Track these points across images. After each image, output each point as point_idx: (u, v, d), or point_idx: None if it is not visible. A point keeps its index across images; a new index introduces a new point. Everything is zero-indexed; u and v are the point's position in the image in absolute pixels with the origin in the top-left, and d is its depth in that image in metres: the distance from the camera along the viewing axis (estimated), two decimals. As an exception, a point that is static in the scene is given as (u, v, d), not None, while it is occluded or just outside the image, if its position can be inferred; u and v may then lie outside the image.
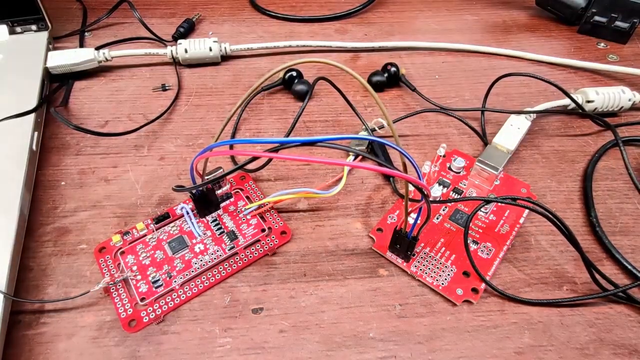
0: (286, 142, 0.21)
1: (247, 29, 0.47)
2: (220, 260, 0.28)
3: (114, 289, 0.27)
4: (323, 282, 0.28)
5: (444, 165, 0.34)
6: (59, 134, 0.36)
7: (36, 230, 0.30)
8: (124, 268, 0.28)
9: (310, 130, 0.37)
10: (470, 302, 0.27)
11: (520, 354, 0.25)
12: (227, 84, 0.41)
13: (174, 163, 0.34)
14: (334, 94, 0.40)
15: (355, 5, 0.50)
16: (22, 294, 0.27)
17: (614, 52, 0.46)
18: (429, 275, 0.28)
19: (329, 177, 0.34)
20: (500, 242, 0.30)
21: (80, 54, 0.40)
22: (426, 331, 0.26)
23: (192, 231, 0.29)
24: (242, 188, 0.32)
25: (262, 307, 0.27)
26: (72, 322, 0.26)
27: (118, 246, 0.29)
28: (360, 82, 0.21)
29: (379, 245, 0.29)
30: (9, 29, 0.41)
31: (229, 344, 0.25)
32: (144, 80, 0.41)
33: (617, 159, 0.35)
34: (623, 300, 0.27)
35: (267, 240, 0.29)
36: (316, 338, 0.26)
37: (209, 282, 0.27)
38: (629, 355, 0.25)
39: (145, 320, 0.26)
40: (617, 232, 0.31)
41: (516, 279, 0.28)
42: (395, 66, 0.40)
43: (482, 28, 0.49)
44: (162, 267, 0.28)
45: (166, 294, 0.27)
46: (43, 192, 0.32)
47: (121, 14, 0.47)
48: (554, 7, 0.49)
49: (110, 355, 0.24)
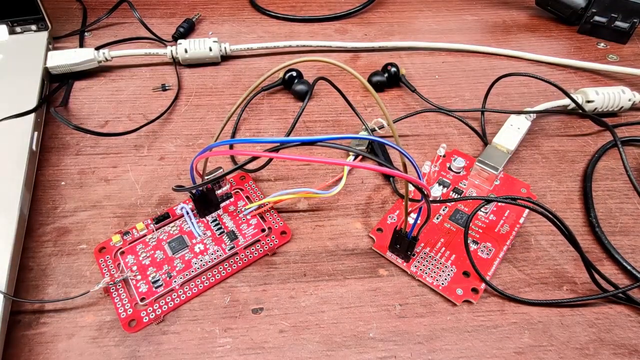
0: (286, 141, 0.21)
1: (247, 29, 0.47)
2: (220, 260, 0.28)
3: (114, 289, 0.27)
4: (323, 282, 0.28)
5: (444, 165, 0.34)
6: (58, 134, 0.36)
7: (36, 230, 0.30)
8: (123, 268, 0.28)
9: (310, 130, 0.37)
10: (470, 302, 0.27)
11: (520, 354, 0.25)
12: (227, 84, 0.41)
13: (174, 163, 0.34)
14: (334, 94, 0.40)
15: (355, 5, 0.50)
16: (22, 294, 0.27)
17: (614, 52, 0.46)
18: (429, 275, 0.28)
19: (329, 177, 0.34)
20: (500, 242, 0.29)
21: (80, 54, 0.40)
22: (426, 331, 0.26)
23: (192, 231, 0.29)
24: (242, 188, 0.32)
25: (262, 307, 0.27)
26: (72, 322, 0.26)
27: (118, 246, 0.29)
28: (360, 81, 0.21)
29: (379, 245, 0.29)
30: (8, 29, 0.41)
31: (229, 344, 0.25)
32: (144, 80, 0.41)
33: (617, 159, 0.35)
34: (623, 300, 0.27)
35: (267, 240, 0.29)
36: (316, 338, 0.26)
37: (209, 282, 0.27)
38: (628, 356, 0.25)
39: (145, 320, 0.26)
40: (617, 232, 0.31)
41: (516, 279, 0.28)
42: (396, 66, 0.40)
43: (482, 28, 0.49)
44: (162, 267, 0.28)
45: (166, 294, 0.27)
46: (43, 192, 0.32)
47: (121, 14, 0.47)
48: (554, 7, 0.49)
49: (110, 355, 0.24)
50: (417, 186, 0.22)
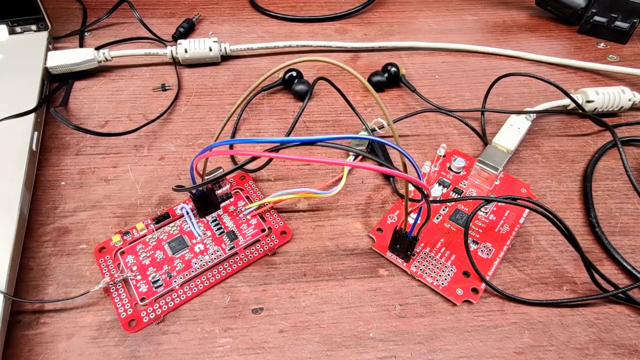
0: (286, 141, 0.21)
1: (247, 29, 0.47)
2: (220, 260, 0.28)
3: (114, 289, 0.27)
4: (323, 282, 0.28)
5: (444, 165, 0.34)
6: (58, 134, 0.36)
7: (36, 230, 0.30)
8: (123, 268, 0.28)
9: (310, 130, 0.37)
10: (470, 302, 0.27)
11: (520, 353, 0.25)
12: (227, 84, 0.41)
13: (174, 163, 0.34)
14: (334, 94, 0.40)
15: (355, 5, 0.50)
16: (22, 294, 0.27)
17: (614, 52, 0.46)
18: (429, 275, 0.28)
19: (329, 177, 0.34)
20: (500, 242, 0.29)
21: (80, 54, 0.40)
22: (426, 331, 0.26)
23: (192, 231, 0.29)
24: (242, 188, 0.32)
25: (262, 307, 0.27)
26: (72, 322, 0.26)
27: (118, 246, 0.29)
28: (360, 81, 0.21)
29: (379, 245, 0.29)
30: (8, 29, 0.41)
31: (229, 344, 0.25)
32: (144, 80, 0.41)
33: (617, 159, 0.35)
34: (623, 300, 0.27)
35: (267, 240, 0.29)
36: (316, 338, 0.26)
37: (209, 282, 0.27)
38: (628, 356, 0.25)
39: (145, 320, 0.26)
40: (616, 232, 0.31)
41: (516, 279, 0.28)
42: (396, 66, 0.40)
43: (482, 28, 0.49)
44: (162, 267, 0.28)
45: (166, 294, 0.27)
46: (43, 192, 0.32)
47: (121, 14, 0.47)
48: (554, 7, 0.49)
49: (110, 356, 0.24)
50: (417, 186, 0.22)
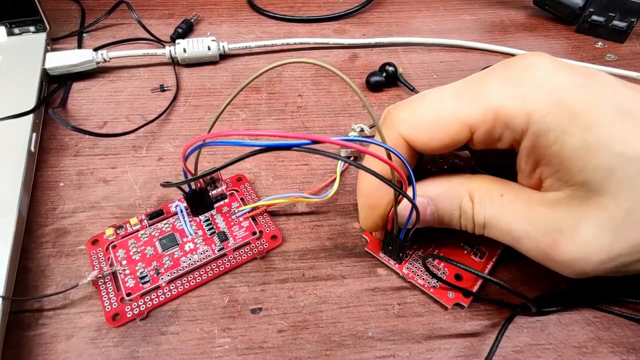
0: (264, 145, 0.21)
1: (246, 29, 0.47)
2: (208, 261, 0.28)
3: (102, 283, 0.27)
4: (322, 282, 0.28)
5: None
6: (57, 135, 0.36)
7: (35, 231, 0.30)
8: (113, 262, 0.28)
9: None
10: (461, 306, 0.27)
11: (518, 352, 0.25)
12: (226, 84, 0.41)
13: (173, 164, 0.34)
14: (333, 94, 0.40)
15: (353, 5, 0.50)
16: (21, 295, 0.27)
17: (612, 51, 0.46)
18: (420, 277, 0.28)
19: (327, 177, 0.34)
20: (495, 242, 0.29)
21: (79, 55, 0.40)
22: (425, 330, 0.26)
23: (184, 229, 0.29)
24: (237, 189, 0.32)
25: (260, 307, 0.27)
26: (71, 323, 0.26)
27: (111, 239, 0.29)
28: (349, 85, 0.21)
29: (372, 246, 0.29)
30: (7, 30, 0.41)
31: (227, 344, 0.25)
32: (143, 81, 0.41)
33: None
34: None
35: (257, 243, 0.29)
36: (315, 338, 0.26)
37: (195, 282, 0.27)
38: (626, 354, 0.25)
39: (129, 315, 0.26)
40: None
41: (515, 277, 0.28)
42: (393, 66, 0.40)
43: (480, 28, 0.49)
44: (150, 264, 0.28)
45: (152, 290, 0.27)
46: (41, 193, 0.32)
47: (119, 15, 0.47)
48: (552, 7, 0.49)
49: (109, 356, 0.24)
50: (405, 194, 0.22)
